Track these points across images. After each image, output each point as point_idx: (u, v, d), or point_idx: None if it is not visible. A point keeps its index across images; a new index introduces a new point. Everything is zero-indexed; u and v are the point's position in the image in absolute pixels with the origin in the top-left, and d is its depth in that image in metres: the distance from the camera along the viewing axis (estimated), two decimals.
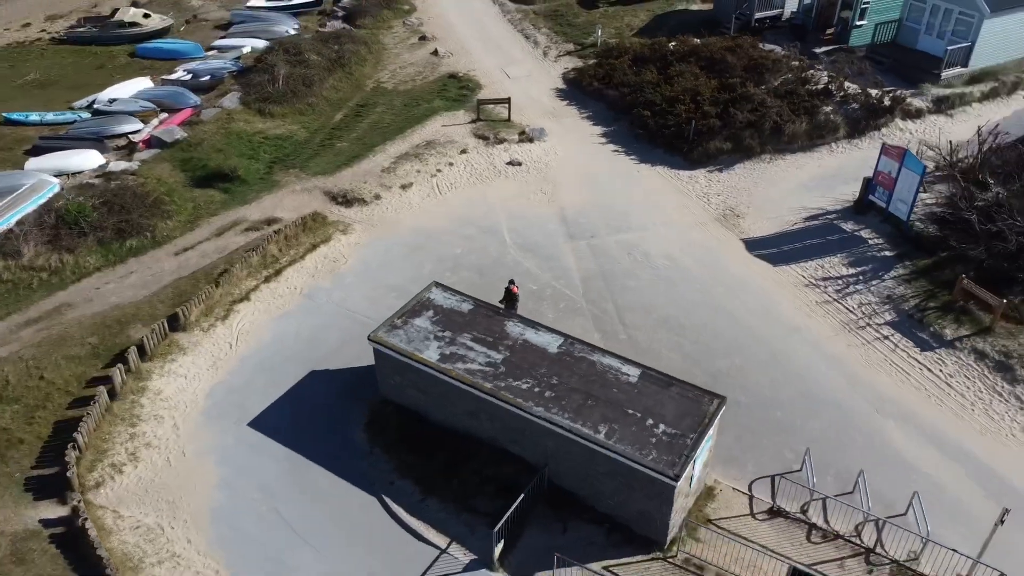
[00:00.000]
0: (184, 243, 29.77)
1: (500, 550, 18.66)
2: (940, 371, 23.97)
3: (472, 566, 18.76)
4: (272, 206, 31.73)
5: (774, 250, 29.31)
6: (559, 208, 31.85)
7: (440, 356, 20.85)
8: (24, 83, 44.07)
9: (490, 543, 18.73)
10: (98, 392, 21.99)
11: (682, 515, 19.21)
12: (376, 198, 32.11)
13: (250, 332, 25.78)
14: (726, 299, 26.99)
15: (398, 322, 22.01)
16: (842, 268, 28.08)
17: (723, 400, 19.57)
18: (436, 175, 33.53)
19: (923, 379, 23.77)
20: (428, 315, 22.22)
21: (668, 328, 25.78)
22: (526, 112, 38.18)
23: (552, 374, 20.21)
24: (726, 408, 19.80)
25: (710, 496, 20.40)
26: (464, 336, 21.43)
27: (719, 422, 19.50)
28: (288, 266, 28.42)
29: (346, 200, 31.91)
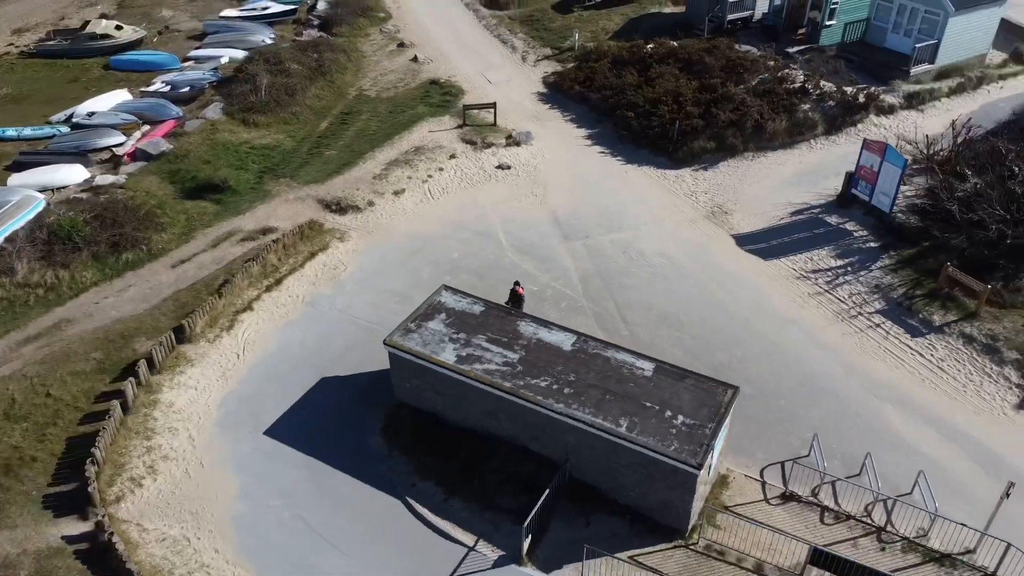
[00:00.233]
0: (180, 255, 29.65)
1: (527, 545, 19.05)
2: (931, 356, 24.97)
3: (501, 562, 19.14)
4: (266, 216, 31.74)
5: (763, 245, 30.17)
6: (551, 210, 32.37)
7: (457, 358, 21.19)
8: None
9: (517, 539, 19.15)
10: (112, 406, 21.90)
11: (700, 503, 19.80)
12: (370, 205, 32.31)
13: (256, 342, 25.83)
14: (722, 294, 27.74)
15: (412, 326, 22.30)
16: (830, 260, 29.03)
17: (736, 390, 20.25)
18: (427, 180, 33.83)
19: (916, 364, 24.75)
20: (441, 318, 22.55)
21: (668, 324, 26.43)
22: (510, 116, 38.66)
23: (569, 371, 20.69)
24: None
25: (724, 484, 21.03)
26: (479, 337, 21.81)
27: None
28: (288, 275, 28.49)
29: (340, 208, 32.05)
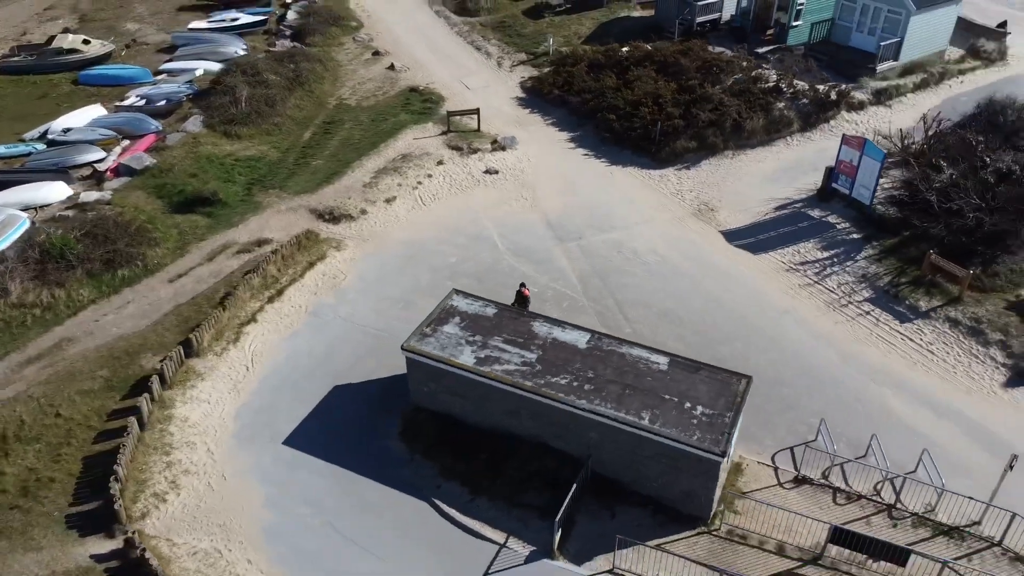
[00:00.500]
0: (176, 270, 29.46)
1: (558, 539, 19.53)
2: (921, 340, 26.12)
3: (533, 557, 19.57)
4: (259, 227, 31.69)
5: (751, 240, 31.14)
6: (543, 212, 32.92)
7: (476, 360, 21.58)
8: None
9: (546, 534, 19.68)
10: (130, 423, 21.77)
11: (719, 490, 20.49)
12: (363, 213, 32.47)
13: (264, 353, 25.85)
14: (717, 289, 28.58)
15: (427, 330, 22.61)
16: (817, 252, 30.10)
17: (750, 379, 21.04)
18: (417, 187, 34.11)
19: (907, 349, 25.87)
20: (455, 321, 22.91)
21: (669, 320, 27.16)
22: (491, 122, 39.10)
23: (587, 368, 21.24)
24: None
25: (738, 471, 21.77)
26: (495, 339, 22.23)
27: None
28: (289, 285, 28.52)
29: (333, 217, 32.15)
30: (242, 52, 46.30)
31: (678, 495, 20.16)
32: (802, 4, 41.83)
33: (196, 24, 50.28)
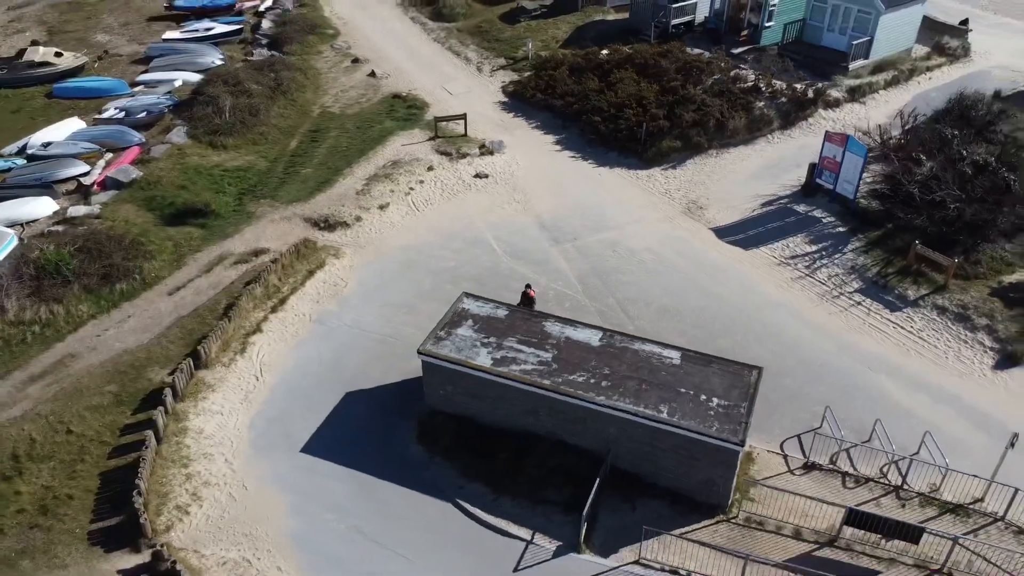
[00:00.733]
0: (175, 282, 29.29)
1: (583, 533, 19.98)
2: (911, 328, 27.11)
3: (560, 551, 19.97)
4: (255, 237, 31.63)
5: (741, 236, 31.95)
6: (536, 215, 33.37)
7: (493, 361, 21.94)
8: None
9: (570, 529, 20.14)
10: (147, 437, 21.69)
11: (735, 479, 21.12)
12: (357, 220, 32.58)
13: (272, 362, 25.87)
14: (712, 284, 29.31)
15: (442, 334, 22.90)
16: (805, 246, 31.01)
17: (761, 370, 21.73)
18: (410, 193, 34.32)
19: (900, 336, 26.83)
20: (468, 324, 23.23)
21: (669, 316, 27.78)
22: (476, 126, 39.40)
23: (602, 365, 21.73)
24: None
25: (750, 460, 22.42)
26: (510, 340, 22.60)
27: None
28: (291, 294, 28.55)
29: (329, 225, 32.22)
30: (219, 62, 45.98)
31: (696, 485, 20.74)
32: (774, 5, 42.96)
33: (170, 35, 49.73)
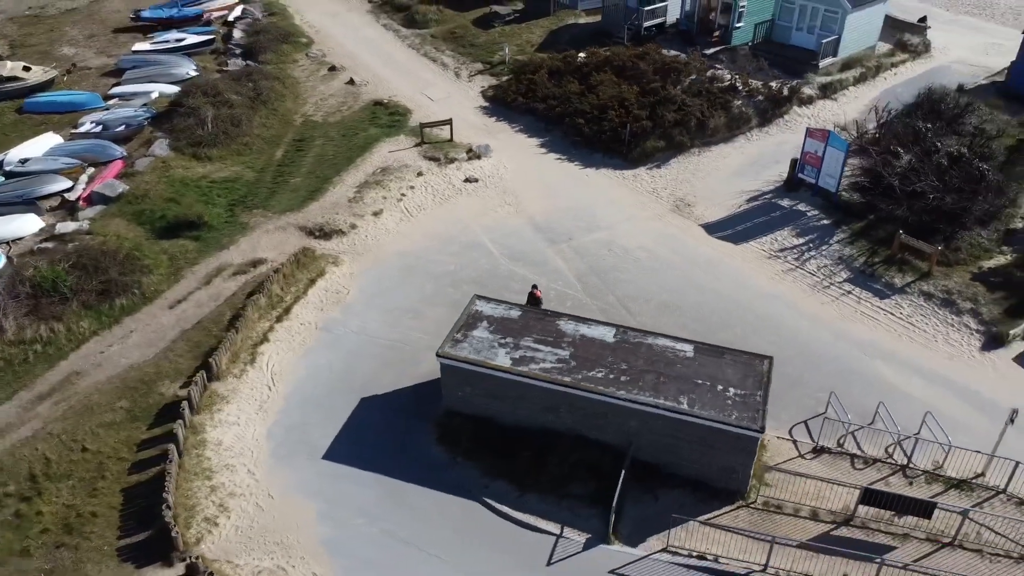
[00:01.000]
0: (174, 296, 29.09)
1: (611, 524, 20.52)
2: (900, 314, 28.25)
3: (590, 543, 20.47)
4: (251, 248, 31.55)
5: (730, 231, 32.87)
6: (529, 217, 33.86)
7: (512, 361, 22.35)
8: None
9: (597, 522, 20.69)
10: (170, 451, 21.61)
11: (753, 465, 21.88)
12: (352, 228, 32.70)
13: (283, 372, 25.92)
14: (707, 279, 30.13)
15: (459, 336, 23.24)
16: (792, 239, 32.04)
17: (771, 360, 22.53)
18: (402, 199, 34.54)
19: (890, 322, 27.94)
20: (484, 326, 23.61)
21: (669, 311, 28.50)
22: (459, 131, 39.68)
23: (619, 360, 22.30)
24: None
25: (762, 447, 23.12)
26: (526, 340, 23.05)
27: None
28: (294, 303, 28.58)
29: (324, 233, 32.29)
30: (193, 73, 45.53)
31: (716, 473, 21.42)
32: (744, 6, 44.16)
33: (140, 46, 49.06)
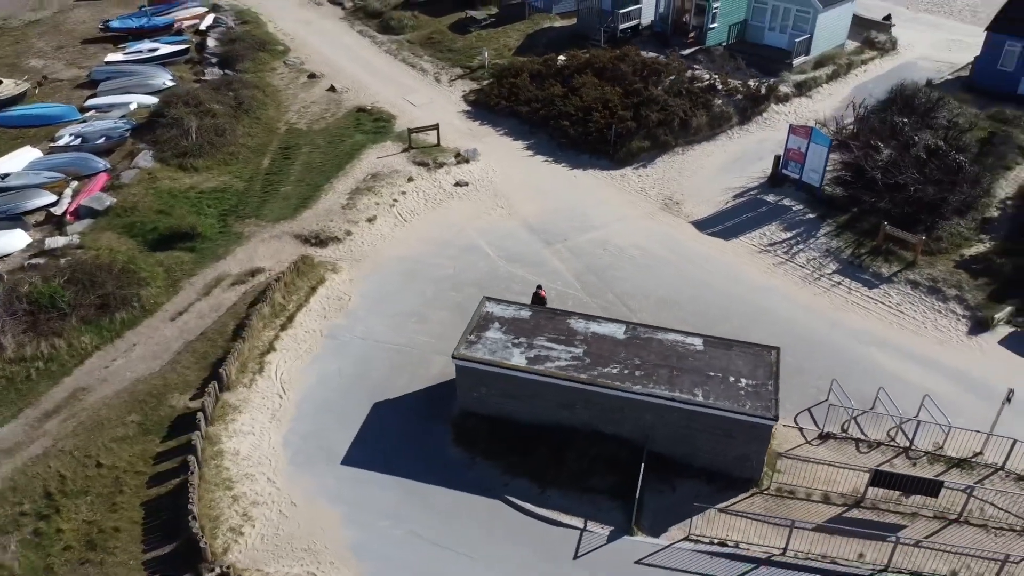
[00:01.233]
0: (175, 308, 28.91)
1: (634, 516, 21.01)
2: (890, 303, 29.25)
3: (614, 535, 20.92)
4: (247, 257, 31.46)
5: (720, 227, 33.66)
6: (522, 219, 34.27)
7: (528, 360, 22.73)
8: None
9: (618, 513, 21.22)
10: (190, 462, 21.56)
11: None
12: (348, 234, 32.77)
13: (292, 379, 25.94)
14: (702, 274, 30.83)
15: (472, 338, 23.54)
16: (781, 233, 32.94)
17: (778, 350, 23.23)
18: (395, 204, 34.70)
19: (881, 311, 28.91)
20: (496, 327, 23.95)
21: (668, 306, 29.13)
22: (445, 136, 39.88)
23: (632, 356, 22.82)
24: None
25: (770, 435, 23.87)
26: (539, 339, 23.44)
27: None
28: (297, 311, 28.60)
29: (320, 241, 32.31)
30: (170, 83, 45.08)
31: (731, 461, 22.03)
32: (717, 7, 45.15)
33: (112, 57, 48.41)
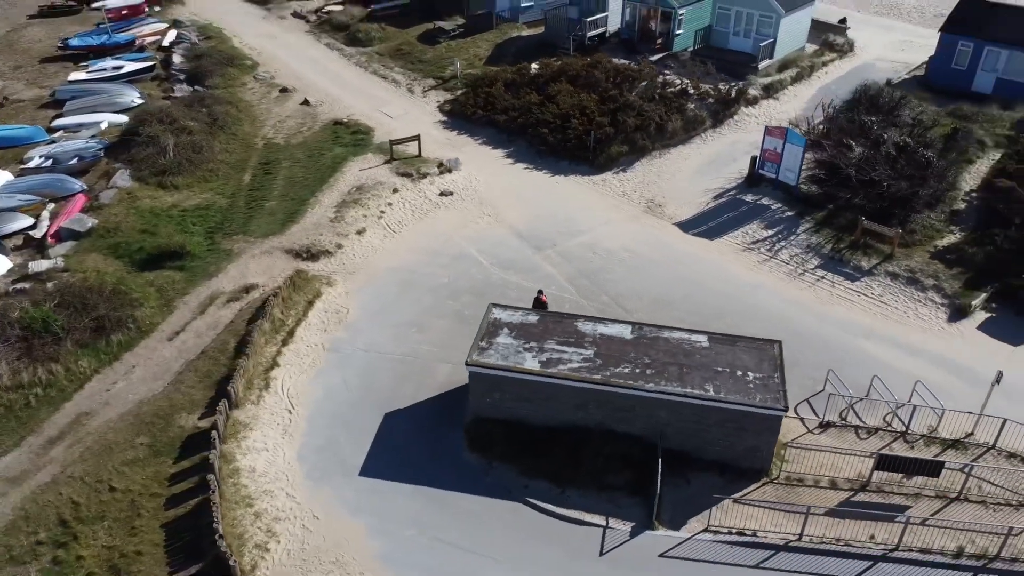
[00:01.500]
0: (171, 327, 28.61)
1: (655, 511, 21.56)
2: (872, 294, 30.42)
3: (636, 530, 21.44)
4: (240, 274, 31.26)
5: (704, 228, 34.57)
6: (510, 226, 34.70)
7: (540, 364, 23.14)
8: None
9: (637, 509, 21.77)
10: (210, 481, 21.42)
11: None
12: (339, 247, 32.80)
13: (300, 394, 25.91)
14: (691, 273, 31.65)
15: (483, 344, 23.87)
16: (762, 232, 33.98)
17: (781, 344, 24.06)
18: (382, 216, 34.83)
19: (865, 303, 30.06)
20: (505, 332, 24.31)
21: (662, 306, 29.83)
22: (424, 146, 39.99)
23: (641, 355, 23.41)
24: None
25: None
26: (549, 342, 23.89)
27: None
28: (296, 326, 28.54)
29: (312, 255, 32.28)
30: (139, 101, 44.49)
31: (742, 453, 22.74)
32: (682, 14, 46.34)
33: (76, 76, 47.51)
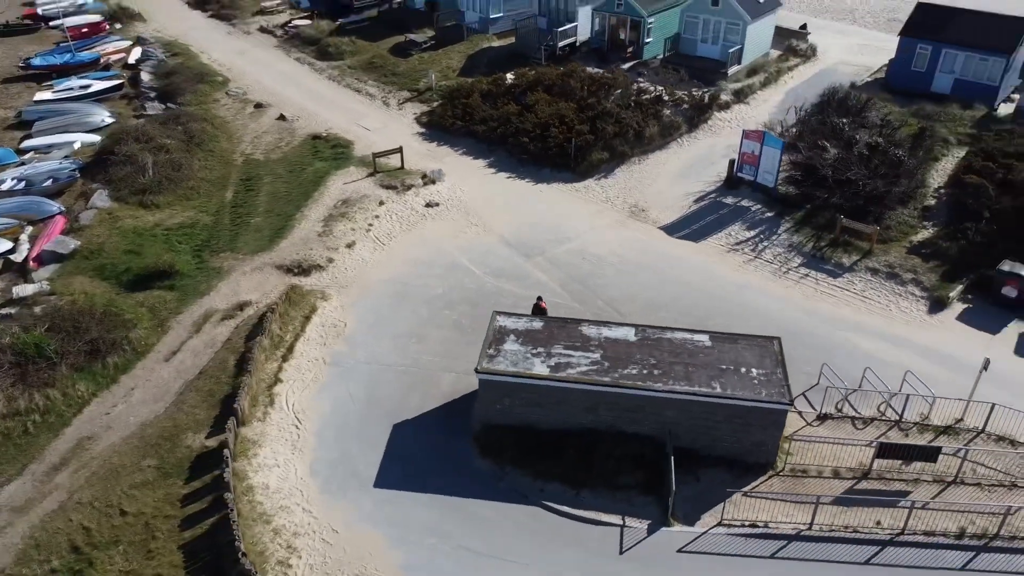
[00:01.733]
0: (167, 348, 28.31)
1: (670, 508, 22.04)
2: (855, 290, 31.44)
3: (653, 528, 21.88)
4: (232, 292, 31.06)
5: (688, 231, 35.34)
6: (498, 235, 35.05)
7: (549, 368, 23.50)
8: None
9: (652, 507, 22.21)
10: (227, 499, 21.29)
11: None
12: (330, 261, 32.79)
13: (306, 409, 25.86)
14: (680, 275, 32.34)
15: (491, 352, 24.14)
16: (745, 233, 34.87)
17: (780, 340, 24.79)
18: (370, 229, 34.92)
19: (848, 298, 31.05)
20: (512, 339, 24.62)
21: (655, 308, 30.44)
22: (406, 159, 40.33)
23: (647, 356, 23.91)
24: None
25: None
26: (556, 347, 24.25)
27: None
28: (295, 341, 28.46)
29: (303, 270, 32.21)
30: (109, 120, 43.91)
31: (748, 448, 23.36)
32: (652, 23, 47.32)
33: (42, 96, 46.64)
